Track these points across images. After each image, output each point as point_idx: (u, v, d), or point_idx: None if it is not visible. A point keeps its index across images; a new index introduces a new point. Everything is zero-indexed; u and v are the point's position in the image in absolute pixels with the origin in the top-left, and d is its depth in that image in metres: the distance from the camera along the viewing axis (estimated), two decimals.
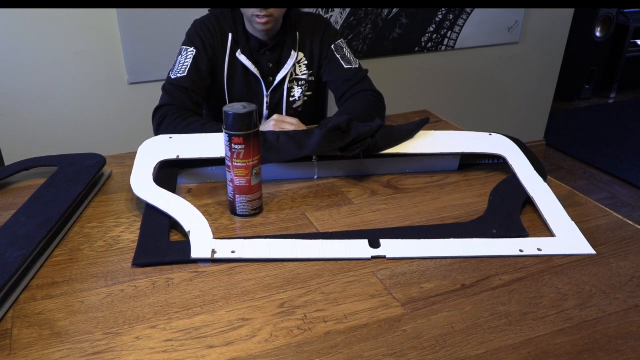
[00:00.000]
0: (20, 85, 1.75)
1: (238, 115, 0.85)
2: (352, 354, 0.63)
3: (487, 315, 0.69)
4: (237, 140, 0.87)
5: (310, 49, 1.37)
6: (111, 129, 1.92)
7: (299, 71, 1.38)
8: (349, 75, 1.35)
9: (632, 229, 0.89)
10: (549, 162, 2.83)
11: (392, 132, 1.08)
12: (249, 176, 0.90)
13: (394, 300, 0.72)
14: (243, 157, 0.88)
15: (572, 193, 1.01)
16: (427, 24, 2.22)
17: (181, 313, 0.70)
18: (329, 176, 1.08)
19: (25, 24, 1.69)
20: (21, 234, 0.80)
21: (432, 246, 0.83)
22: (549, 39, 2.50)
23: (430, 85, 2.38)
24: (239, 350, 0.64)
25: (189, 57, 1.29)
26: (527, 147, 1.11)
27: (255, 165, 0.90)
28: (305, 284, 0.75)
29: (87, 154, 1.09)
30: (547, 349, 0.64)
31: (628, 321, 0.69)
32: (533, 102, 2.65)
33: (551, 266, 0.79)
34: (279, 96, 1.39)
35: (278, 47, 1.35)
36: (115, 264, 0.80)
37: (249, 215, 0.93)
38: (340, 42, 1.39)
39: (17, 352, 0.64)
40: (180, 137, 1.08)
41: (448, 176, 1.09)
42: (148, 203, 0.91)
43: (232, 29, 1.32)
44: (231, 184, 0.91)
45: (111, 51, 1.81)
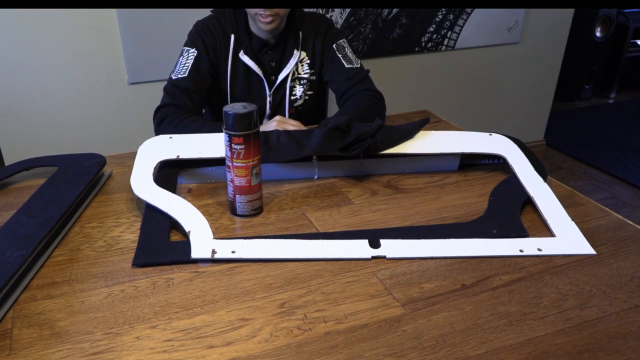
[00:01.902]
0: (20, 85, 1.75)
1: (238, 115, 0.85)
2: (352, 354, 0.63)
3: (487, 315, 0.69)
4: (237, 140, 0.87)
5: (313, 48, 1.37)
6: (111, 129, 1.92)
7: (301, 70, 1.38)
8: (350, 74, 1.35)
9: (632, 229, 0.89)
10: (549, 162, 2.83)
11: (392, 132, 1.08)
12: (249, 176, 0.90)
13: (394, 300, 0.72)
14: (243, 157, 0.88)
15: (572, 193, 1.01)
16: (427, 24, 2.22)
17: (181, 313, 0.70)
18: (329, 176, 1.08)
19: (25, 24, 1.69)
20: (21, 234, 0.80)
21: (432, 246, 0.83)
22: (549, 39, 2.50)
23: (430, 85, 2.38)
24: (239, 350, 0.64)
25: (190, 58, 1.29)
26: (527, 147, 1.11)
27: (255, 165, 0.90)
28: (305, 284, 0.75)
29: (87, 154, 1.09)
30: (547, 349, 0.64)
31: (628, 321, 0.69)
32: (533, 102, 2.65)
33: (551, 266, 0.79)
34: (281, 95, 1.39)
35: (280, 46, 1.35)
36: (115, 264, 0.80)
37: (249, 215, 0.93)
38: (342, 42, 1.39)
39: (17, 352, 0.64)
40: (180, 137, 1.08)
41: (448, 176, 1.09)
42: (148, 203, 0.91)
43: (234, 30, 1.32)
44: (231, 184, 0.91)
45: (111, 51, 1.81)
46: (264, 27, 1.25)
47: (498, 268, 0.79)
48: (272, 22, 1.24)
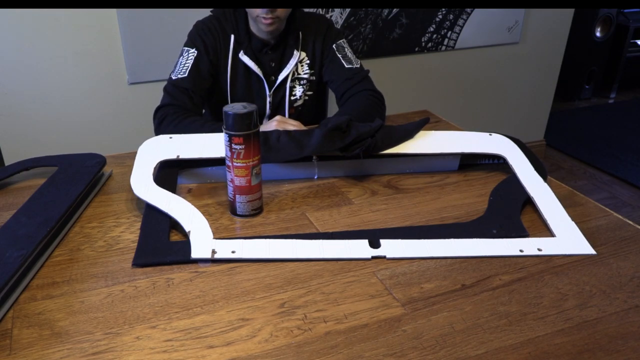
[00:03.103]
0: (20, 85, 1.75)
1: (238, 116, 0.85)
2: (352, 354, 0.63)
3: (487, 315, 0.69)
4: (237, 140, 0.87)
5: (313, 48, 1.38)
6: (111, 129, 1.92)
7: (301, 70, 1.38)
8: (350, 74, 1.35)
9: (632, 229, 0.89)
10: (549, 162, 2.83)
11: (392, 132, 1.08)
12: (249, 176, 0.90)
13: (394, 300, 0.72)
14: (243, 157, 0.88)
15: (572, 193, 1.01)
16: (427, 24, 2.22)
17: (181, 313, 0.70)
18: (329, 176, 1.08)
19: (25, 23, 1.69)
20: (21, 234, 0.80)
21: (432, 246, 0.83)
22: (549, 39, 2.50)
23: (430, 85, 2.38)
24: (239, 350, 0.64)
25: (189, 59, 1.29)
26: (527, 147, 1.11)
27: (255, 165, 0.90)
28: (305, 284, 0.75)
29: (87, 154, 1.09)
30: (547, 349, 0.64)
31: (628, 321, 0.69)
32: (533, 102, 2.65)
33: (551, 266, 0.79)
34: (281, 95, 1.39)
35: (280, 46, 1.35)
36: (115, 264, 0.80)
37: (249, 215, 0.93)
38: (342, 42, 1.39)
39: (17, 352, 0.64)
40: (180, 137, 1.08)
41: (448, 176, 1.09)
42: (148, 203, 0.91)
43: (234, 30, 1.32)
44: (231, 184, 0.91)
45: (111, 51, 1.81)
46: (265, 28, 1.26)
47: (498, 268, 0.79)
48: (273, 24, 1.25)
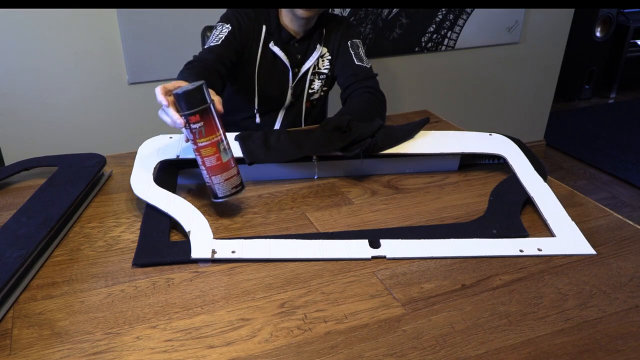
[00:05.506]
0: (20, 85, 1.75)
1: (187, 92, 0.83)
2: (352, 354, 0.63)
3: (487, 315, 0.69)
4: (194, 119, 0.85)
5: (333, 44, 1.41)
6: (111, 129, 1.92)
7: (322, 65, 1.42)
8: (357, 71, 1.36)
9: (632, 229, 0.89)
10: (549, 162, 2.83)
11: (392, 132, 1.08)
12: (218, 153, 0.88)
13: (394, 300, 0.72)
14: (206, 134, 0.86)
15: (572, 193, 1.01)
16: (427, 24, 2.22)
17: (181, 313, 0.70)
18: (329, 176, 1.08)
19: (25, 24, 1.68)
20: (21, 234, 0.80)
21: (432, 246, 0.83)
22: (549, 39, 2.50)
23: (430, 85, 2.38)
24: (239, 350, 0.64)
25: (223, 32, 1.31)
26: (527, 147, 1.11)
27: (220, 141, 0.88)
28: (305, 284, 0.75)
29: (87, 154, 1.09)
30: (547, 349, 0.64)
31: (628, 321, 0.69)
32: (533, 102, 2.65)
33: (551, 266, 0.79)
34: (301, 87, 1.42)
35: (306, 40, 1.39)
36: (115, 264, 0.80)
37: (230, 194, 0.91)
38: (357, 41, 1.42)
39: (17, 352, 0.64)
40: (180, 137, 1.08)
41: (448, 176, 1.09)
42: (148, 203, 0.91)
43: (266, 21, 1.36)
44: (203, 167, 0.90)
45: (111, 51, 1.81)
46: (302, 14, 1.28)
47: (498, 268, 0.79)
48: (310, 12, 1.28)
